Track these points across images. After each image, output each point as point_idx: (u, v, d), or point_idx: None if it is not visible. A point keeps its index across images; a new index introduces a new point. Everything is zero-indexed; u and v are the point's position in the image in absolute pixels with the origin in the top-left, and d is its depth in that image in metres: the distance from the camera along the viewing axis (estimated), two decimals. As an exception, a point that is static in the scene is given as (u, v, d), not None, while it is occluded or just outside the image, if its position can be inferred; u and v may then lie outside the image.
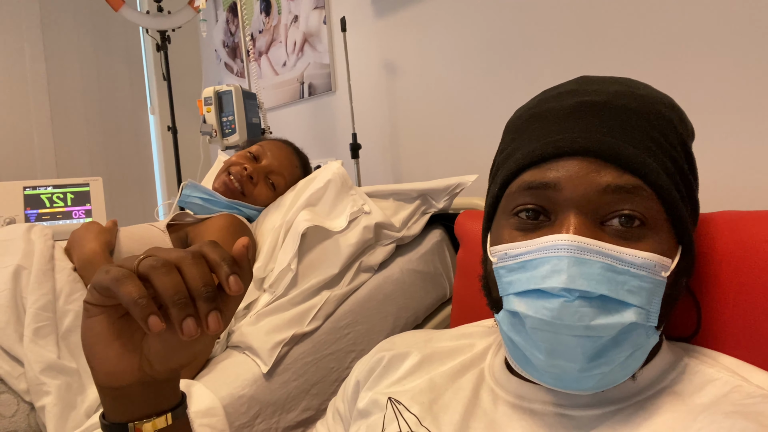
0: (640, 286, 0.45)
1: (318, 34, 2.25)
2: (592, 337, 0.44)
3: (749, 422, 0.40)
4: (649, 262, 0.46)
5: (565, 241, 0.45)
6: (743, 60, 1.09)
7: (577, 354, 0.44)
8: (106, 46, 2.91)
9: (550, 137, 0.50)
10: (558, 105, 0.52)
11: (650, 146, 0.49)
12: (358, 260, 1.18)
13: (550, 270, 0.45)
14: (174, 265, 0.41)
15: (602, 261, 0.44)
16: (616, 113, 0.49)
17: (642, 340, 0.46)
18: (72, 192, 1.63)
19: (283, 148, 1.41)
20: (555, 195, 0.48)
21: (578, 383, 0.46)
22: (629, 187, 0.47)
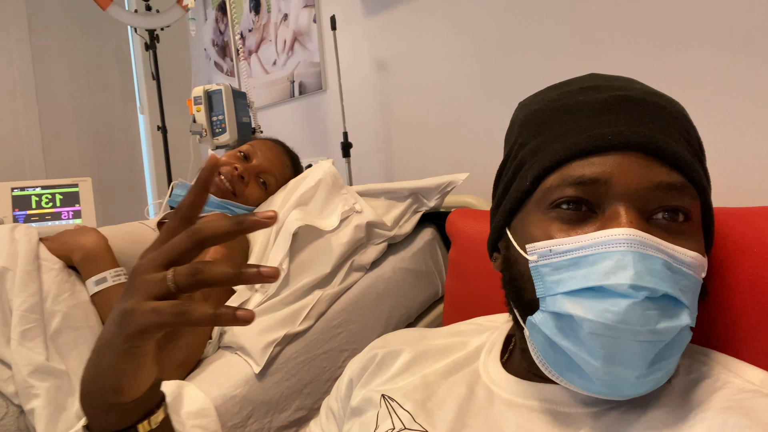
0: (687, 286, 0.44)
1: (308, 33, 2.24)
2: (654, 341, 0.42)
3: (741, 417, 0.41)
4: (696, 261, 0.45)
5: (626, 236, 0.43)
6: (729, 59, 1.10)
7: (638, 360, 0.42)
8: (94, 45, 2.89)
9: (592, 130, 0.48)
10: (591, 98, 0.50)
11: (685, 144, 0.48)
12: (350, 259, 1.18)
13: (613, 266, 0.42)
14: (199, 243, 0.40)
15: (662, 258, 0.43)
16: (654, 110, 0.49)
17: (686, 341, 0.45)
18: (61, 193, 1.61)
19: (274, 148, 1.40)
20: (603, 189, 0.46)
21: (632, 390, 0.44)
22: (679, 185, 0.46)
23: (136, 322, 0.39)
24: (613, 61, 1.29)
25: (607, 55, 1.30)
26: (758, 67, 1.07)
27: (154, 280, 0.39)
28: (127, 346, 0.40)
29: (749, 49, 1.08)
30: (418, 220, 1.30)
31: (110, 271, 1.00)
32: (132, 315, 0.39)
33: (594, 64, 1.32)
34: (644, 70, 1.23)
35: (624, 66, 1.27)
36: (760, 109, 1.07)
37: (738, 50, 1.09)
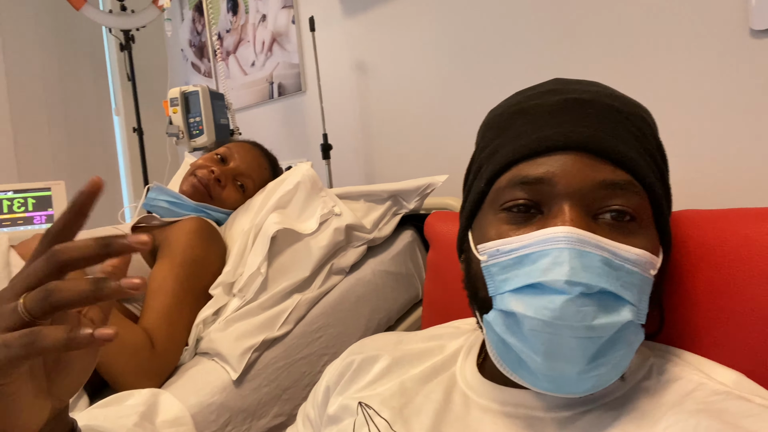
0: (632, 283, 0.45)
1: (287, 34, 2.22)
2: (593, 337, 0.43)
3: (713, 420, 0.41)
4: (642, 258, 0.45)
5: (565, 233, 0.44)
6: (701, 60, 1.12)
7: (578, 356, 0.43)
8: (67, 46, 2.83)
9: (541, 132, 0.49)
10: (543, 101, 0.52)
11: (636, 144, 0.49)
12: (330, 262, 1.17)
13: (551, 263, 0.43)
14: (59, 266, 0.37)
15: (601, 254, 0.44)
16: (602, 110, 0.50)
17: (633, 338, 0.45)
18: (33, 197, 1.58)
19: (251, 150, 1.38)
20: (549, 189, 0.47)
21: (575, 386, 0.45)
22: (623, 183, 0.47)
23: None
24: (590, 61, 1.30)
25: (584, 55, 1.31)
26: (727, 71, 1.09)
27: (6, 311, 0.36)
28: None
29: (722, 52, 1.10)
30: (397, 223, 1.29)
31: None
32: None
33: (572, 64, 1.33)
34: (621, 68, 1.24)
35: (601, 65, 1.28)
36: (736, 111, 1.09)
37: (708, 53, 1.11)
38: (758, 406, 0.42)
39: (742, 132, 1.09)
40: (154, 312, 1.00)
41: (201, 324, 1.05)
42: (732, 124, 1.10)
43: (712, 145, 1.12)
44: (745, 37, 1.08)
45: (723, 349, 0.53)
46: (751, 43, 1.07)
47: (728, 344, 0.53)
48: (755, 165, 1.07)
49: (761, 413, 0.41)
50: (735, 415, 0.41)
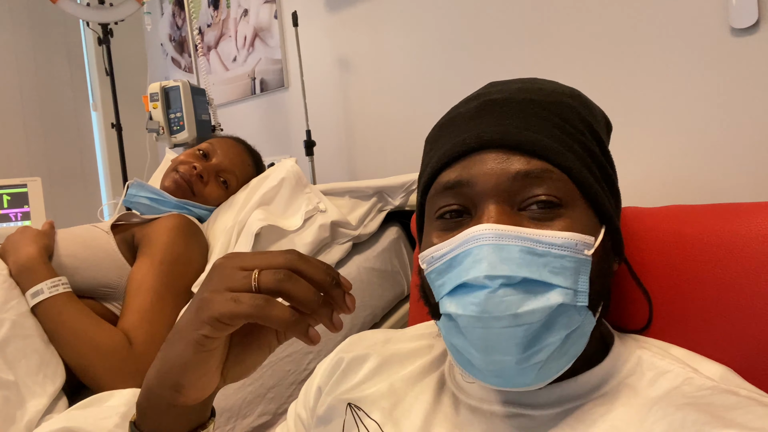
0: (563, 266, 0.45)
1: (269, 29, 2.20)
2: (522, 325, 0.43)
3: (701, 414, 0.41)
4: (570, 241, 0.46)
5: (482, 231, 0.45)
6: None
7: (510, 345, 0.44)
8: (44, 39, 2.77)
9: (458, 138, 0.51)
10: (465, 109, 0.54)
11: (554, 131, 0.50)
12: (314, 259, 1.16)
13: (471, 261, 0.45)
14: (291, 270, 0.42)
15: (521, 245, 0.45)
16: (518, 106, 0.51)
17: (574, 321, 0.45)
18: (8, 193, 1.54)
19: (235, 146, 1.37)
20: (471, 191, 0.49)
21: (520, 377, 0.46)
22: (538, 171, 0.48)
23: (214, 308, 0.40)
24: (571, 60, 1.31)
25: (565, 53, 1.31)
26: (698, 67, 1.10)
27: (237, 275, 0.41)
28: (200, 335, 0.41)
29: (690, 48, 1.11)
30: (383, 219, 1.29)
31: (46, 282, 0.95)
32: (210, 302, 0.41)
33: (553, 62, 1.34)
34: (602, 67, 1.25)
35: (582, 63, 1.29)
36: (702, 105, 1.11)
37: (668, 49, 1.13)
38: (744, 399, 0.43)
39: (723, 129, 1.10)
40: (134, 311, 0.99)
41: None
42: (713, 122, 1.11)
43: (694, 142, 1.14)
44: (725, 36, 1.09)
45: (713, 343, 0.54)
46: (731, 42, 1.08)
47: (718, 338, 0.54)
48: (737, 161, 1.08)
49: (747, 405, 0.42)
50: (721, 408, 0.42)
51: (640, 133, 1.20)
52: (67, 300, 0.95)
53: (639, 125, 1.20)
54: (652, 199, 0.70)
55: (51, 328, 0.93)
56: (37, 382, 0.88)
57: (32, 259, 0.97)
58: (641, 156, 1.19)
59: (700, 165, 1.13)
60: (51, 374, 0.90)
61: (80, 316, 0.94)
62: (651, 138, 1.19)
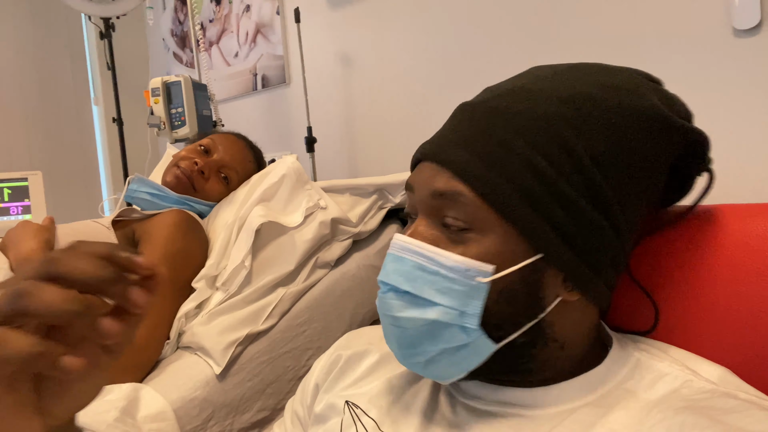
0: (450, 288, 0.46)
1: (271, 25, 2.20)
2: (400, 327, 0.49)
3: (700, 417, 0.41)
4: (460, 266, 0.46)
5: (396, 241, 0.50)
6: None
7: (392, 340, 0.51)
8: (45, 33, 2.76)
9: (424, 143, 0.54)
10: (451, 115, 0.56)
11: (495, 149, 0.47)
12: (314, 256, 1.16)
13: (384, 264, 0.51)
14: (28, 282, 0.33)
15: (415, 260, 0.48)
16: (479, 115, 0.50)
17: (457, 339, 0.47)
18: (9, 187, 1.54)
19: (236, 142, 1.37)
20: (412, 197, 0.52)
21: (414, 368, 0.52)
22: (449, 193, 0.48)
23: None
24: (574, 55, 1.30)
25: (567, 53, 1.31)
26: (715, 68, 1.10)
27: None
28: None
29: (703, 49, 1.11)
30: (383, 217, 1.29)
31: None
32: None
33: (556, 58, 1.33)
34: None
35: (584, 60, 1.28)
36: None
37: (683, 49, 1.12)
38: (743, 402, 0.42)
39: (725, 131, 1.10)
40: None
41: (183, 318, 1.04)
42: (715, 123, 1.11)
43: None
44: (728, 37, 1.09)
45: (714, 345, 0.53)
46: (734, 43, 1.08)
47: (719, 340, 0.53)
48: (739, 163, 1.08)
49: (746, 409, 0.41)
50: (720, 412, 0.41)
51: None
52: None
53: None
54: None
55: None
56: (36, 376, 0.88)
57: (34, 253, 0.97)
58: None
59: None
60: (50, 368, 0.90)
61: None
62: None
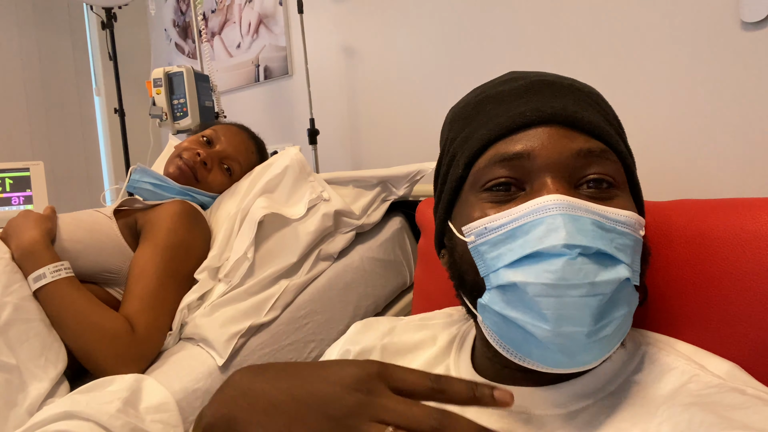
0: (625, 244, 0.46)
1: (274, 16, 2.18)
2: (597, 295, 0.43)
3: (707, 414, 0.41)
4: (631, 219, 0.47)
5: (555, 201, 0.44)
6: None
7: (585, 315, 0.43)
8: (47, 23, 2.75)
9: (514, 110, 0.50)
10: (509, 87, 0.53)
11: (602, 117, 0.51)
12: (317, 248, 1.16)
13: (546, 230, 0.44)
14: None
15: (592, 218, 0.45)
16: (567, 89, 0.52)
17: (632, 298, 0.46)
18: (11, 177, 1.53)
19: (239, 133, 1.36)
20: (529, 164, 0.48)
21: (585, 353, 0.44)
22: (598, 151, 0.48)
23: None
24: (581, 52, 1.29)
25: (574, 45, 1.30)
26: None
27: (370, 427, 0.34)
28: None
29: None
30: (386, 209, 1.29)
31: (48, 267, 0.95)
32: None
33: (562, 53, 1.33)
34: (612, 61, 1.24)
35: (592, 56, 1.28)
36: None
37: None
38: (751, 398, 0.42)
39: (732, 123, 1.09)
40: (136, 297, 0.98)
41: (185, 309, 1.03)
42: (723, 116, 1.10)
43: (703, 136, 1.13)
44: (736, 30, 1.08)
45: (718, 339, 0.53)
46: (742, 36, 1.07)
47: (726, 334, 0.53)
48: (747, 155, 1.08)
49: (754, 405, 0.41)
50: (728, 408, 0.41)
51: (649, 127, 1.19)
52: (69, 285, 0.95)
53: (649, 118, 1.19)
54: (661, 193, 0.69)
55: (53, 313, 0.93)
56: (38, 366, 0.88)
57: (35, 243, 0.97)
58: (651, 150, 1.18)
59: (709, 159, 1.12)
60: (53, 358, 0.90)
61: (82, 301, 0.94)
62: (661, 131, 1.18)
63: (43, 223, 1.01)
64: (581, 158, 0.47)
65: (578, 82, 0.54)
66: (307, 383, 0.37)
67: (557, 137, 0.48)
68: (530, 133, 0.49)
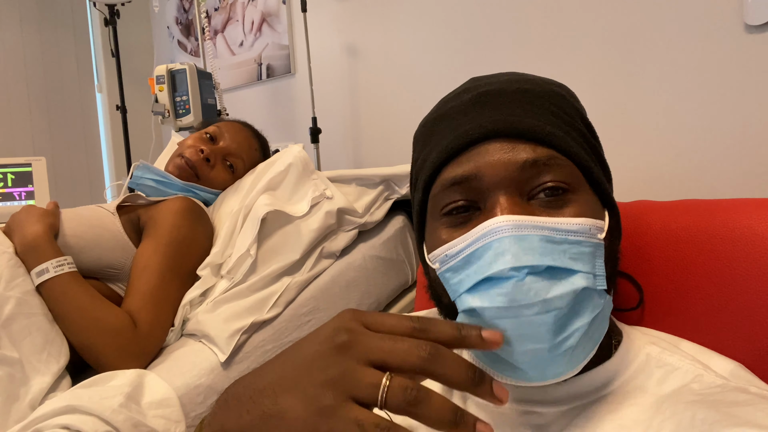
0: (581, 252, 0.45)
1: (277, 14, 2.18)
2: (551, 311, 0.43)
3: (710, 411, 0.41)
4: (584, 226, 0.46)
5: (501, 223, 0.44)
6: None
7: (542, 332, 0.43)
8: (50, 19, 2.75)
9: (459, 130, 0.50)
10: (459, 102, 0.53)
11: (552, 119, 0.50)
12: (320, 246, 1.16)
13: (494, 255, 0.44)
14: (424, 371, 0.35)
15: (540, 234, 0.44)
16: (513, 96, 0.51)
17: (597, 305, 0.45)
18: (12, 172, 1.53)
19: (242, 130, 1.36)
20: (478, 184, 0.48)
21: (553, 367, 0.45)
22: (545, 158, 0.47)
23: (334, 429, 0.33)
24: (584, 54, 1.29)
25: (578, 46, 1.30)
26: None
27: (365, 383, 0.34)
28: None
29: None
30: (389, 208, 1.29)
31: (51, 262, 0.94)
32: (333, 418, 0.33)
33: (566, 55, 1.33)
34: (615, 63, 1.24)
35: (595, 58, 1.28)
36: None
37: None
38: (754, 396, 0.42)
39: (737, 125, 1.10)
40: (139, 292, 0.98)
41: (188, 305, 1.04)
42: (726, 118, 1.11)
43: (707, 138, 1.13)
44: (739, 32, 1.08)
45: (723, 339, 0.53)
46: (745, 39, 1.07)
47: (729, 334, 0.53)
48: (750, 157, 1.08)
49: (758, 403, 0.41)
50: (732, 406, 0.41)
51: (653, 128, 1.19)
52: (72, 280, 0.95)
53: (652, 120, 1.19)
54: (664, 193, 0.69)
55: (56, 307, 0.93)
56: (41, 361, 0.88)
57: (38, 238, 0.97)
58: (654, 150, 1.18)
59: (712, 160, 1.12)
60: (55, 353, 0.90)
61: (85, 296, 0.94)
62: (664, 133, 1.18)
63: (46, 218, 1.01)
64: (528, 169, 0.47)
65: (532, 83, 0.53)
66: (289, 357, 0.38)
67: (502, 152, 0.47)
68: (475, 152, 0.48)
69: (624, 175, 0.56)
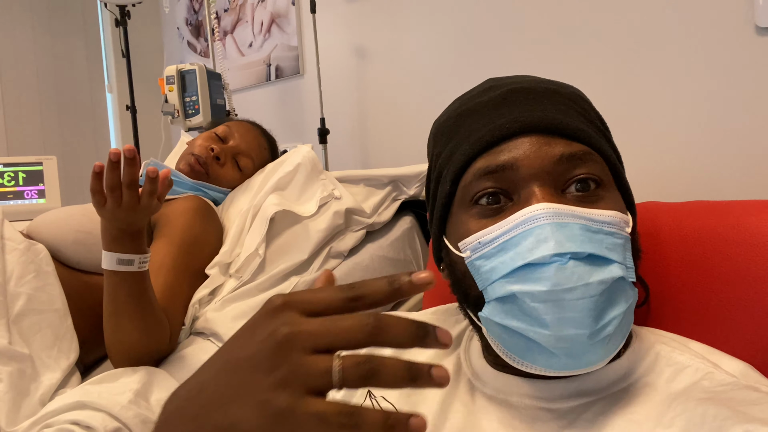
0: (615, 243, 0.46)
1: (286, 15, 2.19)
2: (593, 296, 0.43)
3: (721, 408, 0.41)
4: (616, 219, 0.47)
5: (541, 210, 0.45)
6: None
7: (584, 317, 0.43)
8: (61, 20, 2.77)
9: (493, 123, 0.51)
10: (487, 97, 0.54)
11: (581, 118, 0.52)
12: (328, 246, 1.17)
13: (535, 241, 0.44)
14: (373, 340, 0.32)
15: (579, 222, 0.45)
16: (543, 94, 0.53)
17: (629, 295, 0.46)
18: (24, 171, 1.55)
19: (251, 130, 1.37)
20: (513, 174, 0.49)
21: (589, 354, 0.45)
22: (580, 153, 0.49)
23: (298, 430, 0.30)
24: (593, 55, 1.29)
25: (587, 48, 1.30)
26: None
27: (317, 372, 0.31)
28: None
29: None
30: (397, 208, 1.29)
31: (140, 256, 0.86)
32: (292, 419, 0.30)
33: (575, 57, 1.33)
34: (624, 64, 1.24)
35: (604, 59, 1.27)
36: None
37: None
38: (765, 395, 0.42)
39: (747, 127, 1.09)
40: (158, 292, 0.98)
41: (197, 303, 1.04)
42: (736, 119, 1.10)
43: (717, 139, 1.13)
44: (750, 35, 1.08)
45: (734, 340, 0.53)
46: (756, 41, 1.07)
47: (739, 335, 0.53)
48: (760, 159, 1.07)
49: None
50: (742, 403, 0.41)
51: (663, 130, 1.19)
52: (147, 278, 0.89)
53: (662, 121, 1.19)
54: (674, 194, 0.69)
55: (119, 300, 0.86)
56: (51, 356, 0.89)
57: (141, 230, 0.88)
58: (665, 152, 1.18)
59: (723, 161, 1.12)
60: (65, 349, 0.91)
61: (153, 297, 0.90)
62: (674, 134, 1.18)
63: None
64: (564, 163, 0.48)
65: (555, 84, 0.55)
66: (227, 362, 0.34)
67: (538, 145, 0.49)
68: (512, 144, 0.49)
69: (633, 176, 0.56)
